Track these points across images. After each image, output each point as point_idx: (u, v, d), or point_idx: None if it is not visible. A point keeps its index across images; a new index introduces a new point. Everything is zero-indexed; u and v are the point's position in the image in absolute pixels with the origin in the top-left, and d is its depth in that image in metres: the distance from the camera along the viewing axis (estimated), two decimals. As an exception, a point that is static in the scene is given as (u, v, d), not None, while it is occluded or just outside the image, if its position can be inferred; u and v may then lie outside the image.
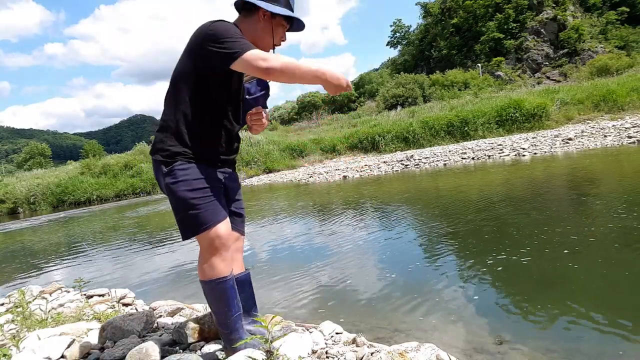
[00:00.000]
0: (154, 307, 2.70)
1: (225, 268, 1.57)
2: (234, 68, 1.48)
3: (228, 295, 1.58)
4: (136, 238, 7.09)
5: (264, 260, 4.33)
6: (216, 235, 1.53)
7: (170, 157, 1.59)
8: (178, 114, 1.60)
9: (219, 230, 1.54)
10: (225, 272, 1.56)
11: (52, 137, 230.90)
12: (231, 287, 1.58)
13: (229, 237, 1.58)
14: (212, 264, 1.55)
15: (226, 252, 1.57)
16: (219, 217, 1.56)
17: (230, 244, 1.60)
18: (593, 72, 25.92)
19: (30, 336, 2.04)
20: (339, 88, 1.50)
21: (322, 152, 20.24)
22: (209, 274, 1.56)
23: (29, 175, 26.88)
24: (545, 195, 5.67)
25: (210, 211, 1.55)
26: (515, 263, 3.12)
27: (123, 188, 20.56)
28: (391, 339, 2.22)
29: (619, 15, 34.83)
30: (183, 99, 1.59)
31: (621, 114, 15.77)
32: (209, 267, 1.55)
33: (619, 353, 1.85)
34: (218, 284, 1.56)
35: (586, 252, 3.17)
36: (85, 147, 45.79)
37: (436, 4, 44.72)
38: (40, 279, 4.89)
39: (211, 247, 1.55)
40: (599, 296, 2.49)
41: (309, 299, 2.98)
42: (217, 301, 1.59)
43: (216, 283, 1.56)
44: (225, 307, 1.59)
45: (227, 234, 1.57)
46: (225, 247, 1.56)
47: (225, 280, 1.56)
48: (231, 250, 1.62)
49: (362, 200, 7.52)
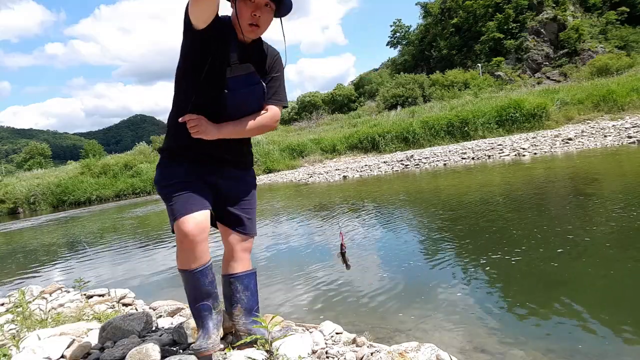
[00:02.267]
0: (154, 307, 2.70)
1: (186, 260, 1.60)
2: (192, 18, 1.47)
3: (191, 285, 1.65)
4: (136, 238, 7.09)
5: (264, 260, 4.33)
6: (180, 228, 1.54)
7: (159, 153, 1.77)
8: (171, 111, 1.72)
9: (183, 223, 1.53)
10: (185, 264, 1.61)
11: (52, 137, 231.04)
12: (195, 278, 1.62)
13: (194, 231, 1.54)
14: (177, 254, 1.62)
15: (190, 245, 1.55)
16: (185, 211, 1.55)
17: (197, 239, 1.55)
18: (593, 72, 25.93)
19: (30, 336, 2.04)
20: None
21: (322, 152, 20.24)
22: (178, 264, 1.65)
23: (29, 175, 26.91)
24: (545, 195, 5.67)
25: (180, 204, 1.58)
26: (515, 263, 3.12)
27: (123, 188, 20.57)
28: (391, 339, 2.22)
29: (619, 15, 34.85)
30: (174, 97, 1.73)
31: (621, 114, 15.77)
32: (177, 257, 1.64)
33: (619, 353, 1.85)
34: (183, 273, 1.64)
35: (586, 252, 3.17)
36: (85, 147, 45.80)
37: (436, 4, 44.75)
38: (40, 279, 4.89)
39: (177, 239, 1.59)
40: (599, 296, 2.49)
41: (309, 299, 2.98)
42: (185, 289, 1.69)
43: (182, 272, 1.65)
44: (189, 296, 1.69)
45: (192, 228, 1.53)
46: (187, 241, 1.55)
47: (187, 271, 1.62)
48: (199, 244, 1.57)
49: (362, 200, 7.52)
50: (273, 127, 1.77)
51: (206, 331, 1.65)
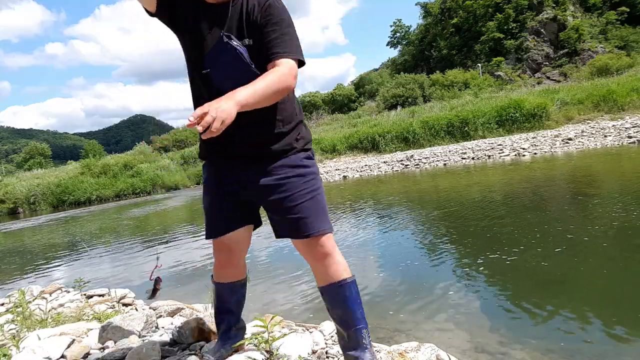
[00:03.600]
0: (154, 307, 2.70)
1: (215, 274, 1.62)
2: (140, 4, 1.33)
3: (214, 296, 1.66)
4: (136, 238, 7.08)
5: (264, 260, 4.33)
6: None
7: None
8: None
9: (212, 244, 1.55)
10: (215, 278, 1.62)
11: (52, 137, 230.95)
12: (217, 291, 1.63)
13: (217, 256, 1.56)
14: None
15: (216, 261, 1.58)
16: (209, 233, 1.52)
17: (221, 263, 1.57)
18: (593, 72, 25.91)
19: (30, 336, 2.04)
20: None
21: (322, 152, 20.23)
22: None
23: (29, 175, 26.89)
24: (545, 195, 5.66)
25: (206, 221, 1.53)
26: (515, 263, 3.12)
27: (123, 188, 20.55)
28: (391, 339, 2.22)
29: (619, 15, 34.84)
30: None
31: (621, 114, 15.76)
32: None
33: (619, 353, 1.85)
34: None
35: (586, 252, 3.17)
36: (85, 147, 45.77)
37: (436, 4, 44.73)
38: (40, 279, 4.89)
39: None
40: (599, 296, 2.49)
41: (309, 299, 2.98)
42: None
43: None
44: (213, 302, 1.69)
45: (215, 253, 1.55)
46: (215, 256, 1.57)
47: (215, 284, 1.63)
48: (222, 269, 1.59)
49: (362, 200, 7.52)
50: (289, 85, 1.25)
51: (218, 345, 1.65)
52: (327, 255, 1.39)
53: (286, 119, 1.39)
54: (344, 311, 1.43)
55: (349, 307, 1.42)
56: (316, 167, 1.47)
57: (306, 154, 1.44)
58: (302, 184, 1.39)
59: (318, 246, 1.39)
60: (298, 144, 1.42)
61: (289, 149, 1.39)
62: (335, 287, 1.41)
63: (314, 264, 1.43)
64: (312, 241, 1.38)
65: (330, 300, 1.45)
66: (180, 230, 7.37)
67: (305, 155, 1.44)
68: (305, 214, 1.37)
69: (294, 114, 1.42)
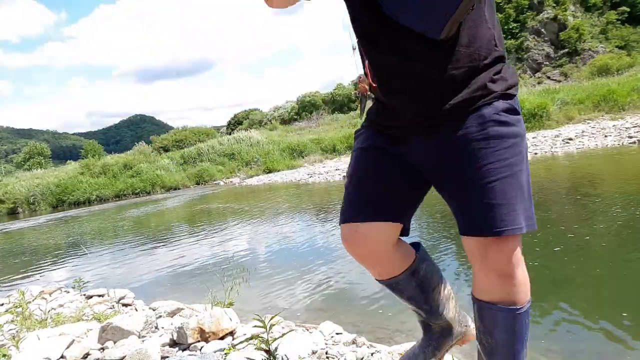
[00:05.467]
0: (153, 308, 2.70)
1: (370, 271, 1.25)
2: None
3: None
4: (136, 238, 7.08)
5: (265, 260, 4.33)
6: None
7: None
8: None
9: (341, 230, 1.14)
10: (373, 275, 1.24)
11: (51, 137, 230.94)
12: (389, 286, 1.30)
13: (346, 240, 1.13)
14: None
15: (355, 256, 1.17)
16: (343, 216, 1.12)
17: (356, 255, 1.17)
18: (594, 72, 25.91)
19: (30, 336, 2.03)
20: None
21: (322, 152, 20.24)
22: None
23: (28, 175, 26.87)
24: (545, 195, 5.66)
25: (344, 200, 1.14)
26: (515, 263, 3.12)
27: (123, 188, 20.55)
28: (391, 339, 2.22)
29: (619, 15, 34.84)
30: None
31: (622, 113, 15.75)
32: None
33: (619, 353, 1.85)
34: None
35: (586, 251, 3.16)
36: (85, 147, 45.76)
37: (436, 3, 44.75)
38: (40, 279, 4.89)
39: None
40: (600, 296, 2.49)
41: (309, 299, 2.98)
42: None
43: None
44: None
45: (346, 236, 1.12)
46: (350, 250, 1.16)
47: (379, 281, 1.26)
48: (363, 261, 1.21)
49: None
50: None
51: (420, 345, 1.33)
52: (513, 266, 0.97)
53: (481, 48, 0.90)
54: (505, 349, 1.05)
55: (514, 345, 1.03)
56: (522, 127, 0.98)
57: (507, 103, 0.94)
58: (498, 153, 0.91)
59: (506, 250, 0.94)
60: (496, 86, 0.92)
61: (479, 95, 0.91)
62: (506, 312, 1.01)
63: (487, 273, 1.00)
64: (499, 241, 0.92)
65: (488, 323, 1.07)
66: (180, 230, 7.37)
67: (505, 105, 0.94)
68: (499, 199, 0.91)
69: (491, 43, 0.92)
